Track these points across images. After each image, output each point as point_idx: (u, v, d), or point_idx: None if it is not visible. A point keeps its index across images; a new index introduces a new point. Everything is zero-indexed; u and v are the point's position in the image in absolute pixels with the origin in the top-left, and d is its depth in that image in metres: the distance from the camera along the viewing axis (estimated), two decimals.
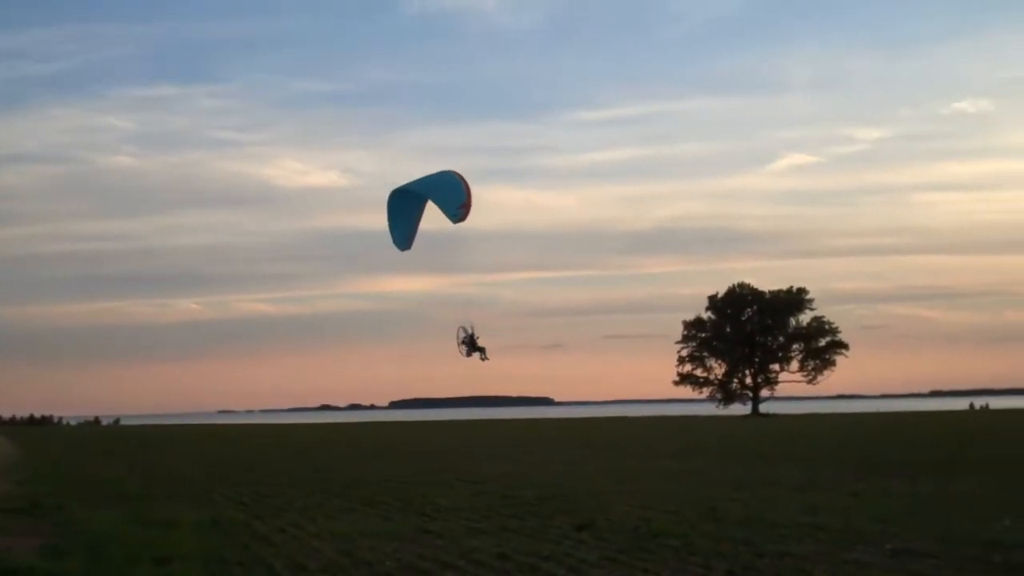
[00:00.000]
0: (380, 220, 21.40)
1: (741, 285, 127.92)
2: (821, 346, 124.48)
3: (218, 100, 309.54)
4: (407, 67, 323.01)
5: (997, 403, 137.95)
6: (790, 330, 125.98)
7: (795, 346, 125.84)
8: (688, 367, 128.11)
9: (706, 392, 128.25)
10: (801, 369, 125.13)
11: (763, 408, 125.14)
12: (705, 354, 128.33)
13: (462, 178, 21.74)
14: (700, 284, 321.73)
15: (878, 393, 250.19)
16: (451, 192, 21.95)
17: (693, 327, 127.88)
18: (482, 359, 22.78)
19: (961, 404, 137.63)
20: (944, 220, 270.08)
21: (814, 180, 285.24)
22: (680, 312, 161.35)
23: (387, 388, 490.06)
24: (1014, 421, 71.08)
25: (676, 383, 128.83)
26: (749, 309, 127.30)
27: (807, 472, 28.38)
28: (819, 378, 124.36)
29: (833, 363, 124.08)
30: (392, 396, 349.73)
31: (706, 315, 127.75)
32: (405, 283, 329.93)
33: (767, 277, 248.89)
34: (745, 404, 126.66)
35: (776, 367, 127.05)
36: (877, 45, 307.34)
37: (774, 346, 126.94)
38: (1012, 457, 32.26)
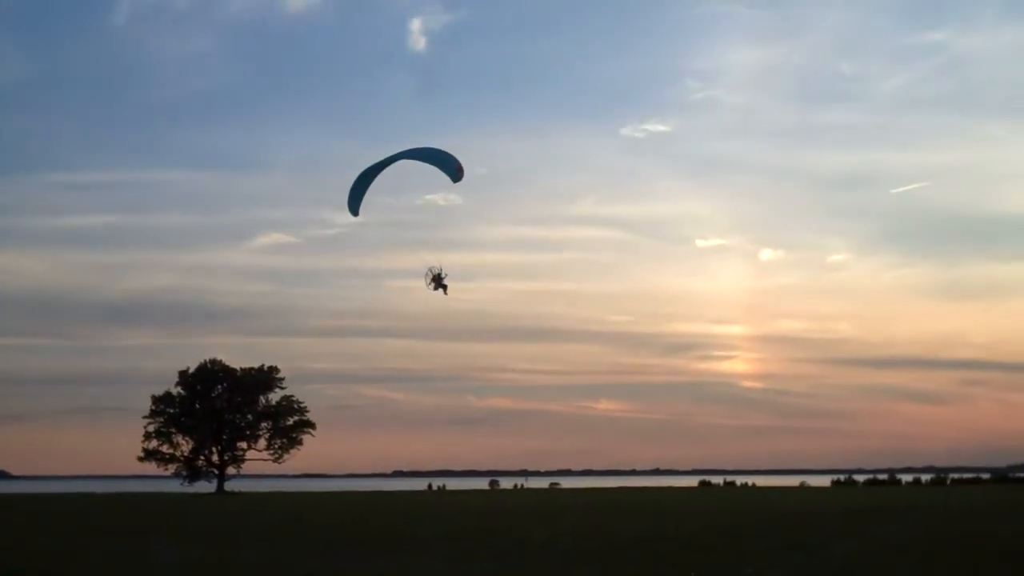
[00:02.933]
0: None
1: (213, 361, 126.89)
2: (289, 425, 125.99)
3: None
4: None
5: (454, 484, 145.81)
6: (260, 408, 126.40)
7: (264, 424, 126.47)
8: (154, 443, 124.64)
9: (172, 469, 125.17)
10: (268, 447, 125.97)
11: (229, 486, 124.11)
12: (173, 430, 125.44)
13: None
14: (172, 358, 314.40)
15: (345, 472, 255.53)
16: (446, 158, 31.39)
17: (161, 402, 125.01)
18: (444, 293, 32.11)
19: (421, 484, 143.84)
20: (414, 306, 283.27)
21: (292, 260, 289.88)
22: (151, 386, 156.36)
23: None
24: (465, 500, 75.40)
25: (141, 459, 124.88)
26: (220, 386, 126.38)
27: (266, 552, 28.17)
28: (285, 457, 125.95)
29: (300, 442, 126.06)
30: None
31: (175, 391, 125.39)
32: None
33: (241, 354, 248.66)
34: (211, 482, 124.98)
35: (244, 445, 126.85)
36: (352, 134, 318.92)
37: (243, 424, 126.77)
38: (459, 533, 33.87)
